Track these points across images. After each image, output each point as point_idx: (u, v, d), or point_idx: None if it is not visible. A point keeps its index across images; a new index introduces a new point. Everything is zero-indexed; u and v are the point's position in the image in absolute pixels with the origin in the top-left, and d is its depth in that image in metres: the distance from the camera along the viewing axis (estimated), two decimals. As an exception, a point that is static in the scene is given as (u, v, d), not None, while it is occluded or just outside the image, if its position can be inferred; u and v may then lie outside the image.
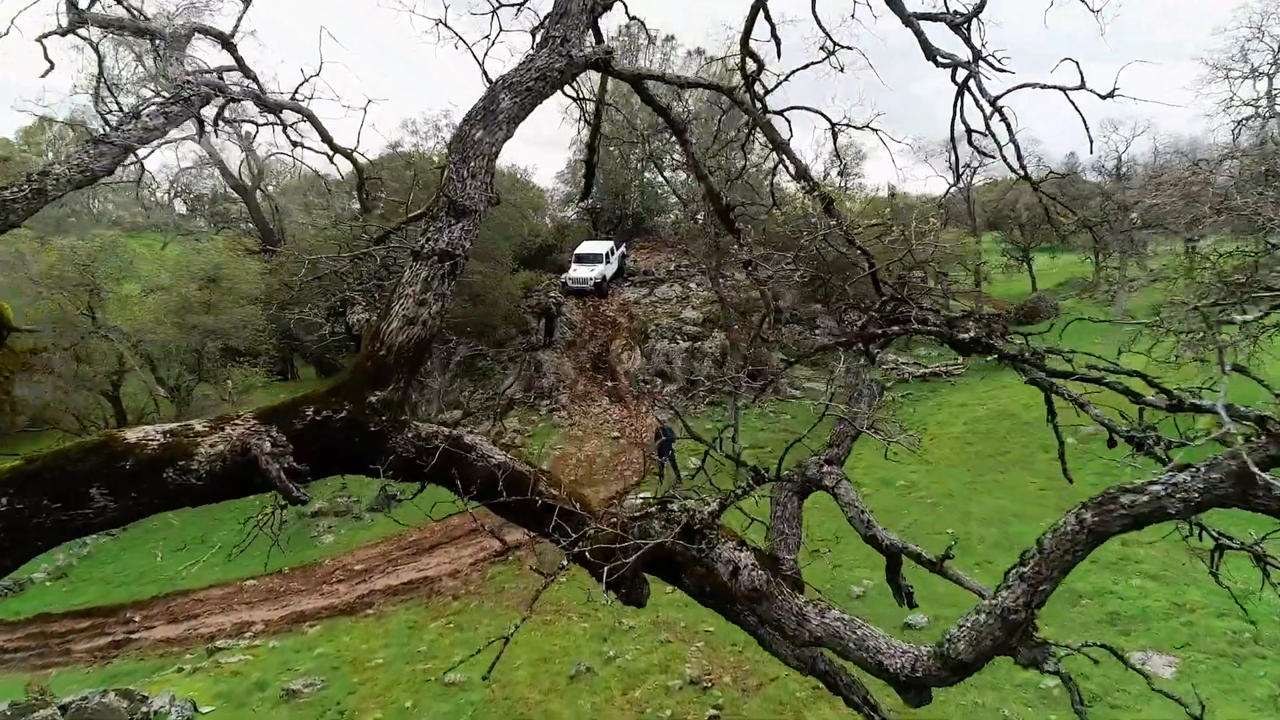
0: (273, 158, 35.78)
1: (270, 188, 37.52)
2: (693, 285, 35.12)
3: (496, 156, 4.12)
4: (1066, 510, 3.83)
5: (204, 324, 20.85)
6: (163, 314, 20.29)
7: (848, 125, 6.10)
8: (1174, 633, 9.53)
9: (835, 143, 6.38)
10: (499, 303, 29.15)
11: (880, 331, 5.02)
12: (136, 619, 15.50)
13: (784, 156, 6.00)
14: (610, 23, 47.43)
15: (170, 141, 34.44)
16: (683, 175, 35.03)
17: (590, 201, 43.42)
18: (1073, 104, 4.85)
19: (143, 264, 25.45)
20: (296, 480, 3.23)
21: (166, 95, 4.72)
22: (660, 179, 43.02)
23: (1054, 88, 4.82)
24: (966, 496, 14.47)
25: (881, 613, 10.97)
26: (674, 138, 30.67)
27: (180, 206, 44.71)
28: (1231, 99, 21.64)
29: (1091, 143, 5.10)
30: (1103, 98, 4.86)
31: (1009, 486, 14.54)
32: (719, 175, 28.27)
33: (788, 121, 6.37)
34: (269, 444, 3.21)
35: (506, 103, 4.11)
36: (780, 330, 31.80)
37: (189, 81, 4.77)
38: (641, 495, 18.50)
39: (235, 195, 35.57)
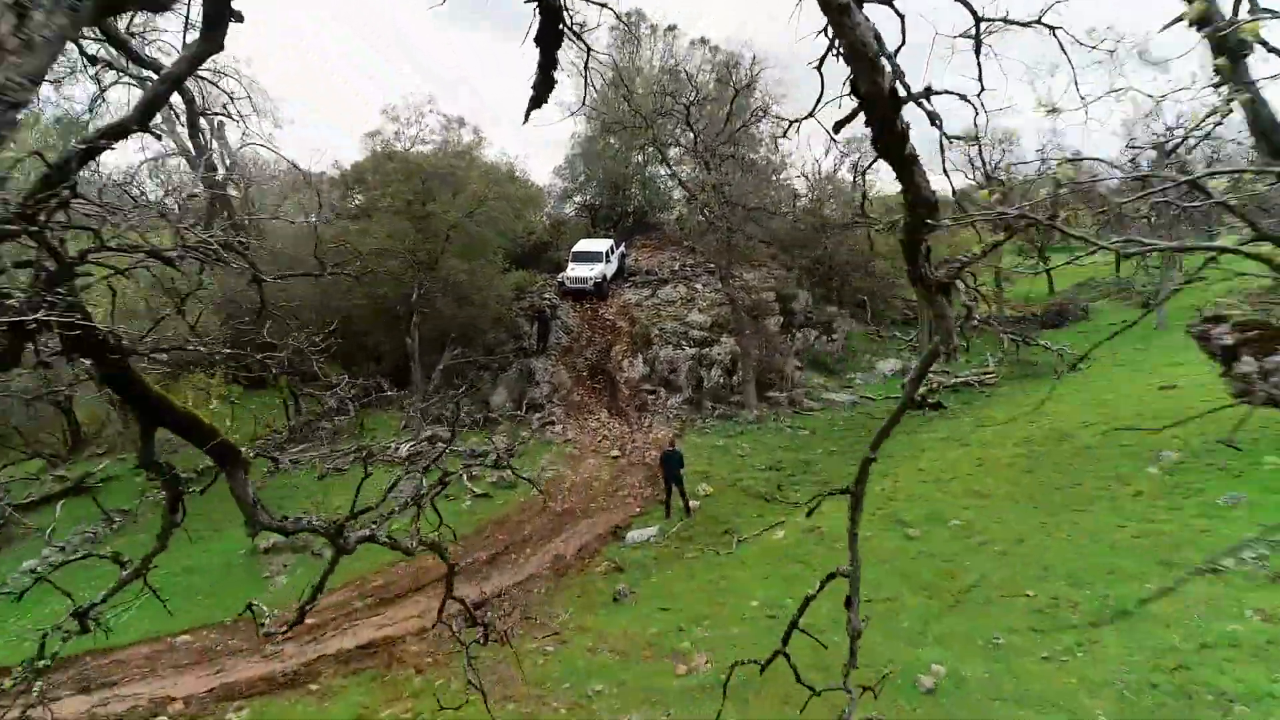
0: (248, 149, 33.37)
1: (251, 186, 34.97)
2: (699, 286, 32.56)
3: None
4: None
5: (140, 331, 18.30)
6: (98, 320, 17.78)
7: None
8: (1378, 762, 7.03)
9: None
10: (488, 304, 26.66)
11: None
12: (39, 686, 12.91)
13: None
14: (609, 13, 44.67)
15: (137, 132, 31.96)
16: (688, 168, 32.42)
17: (587, 197, 40.97)
18: None
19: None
20: None
21: None
22: (663, 172, 40.51)
23: None
24: (1041, 543, 11.91)
25: (958, 716, 8.42)
26: (678, 127, 28.07)
27: (169, 202, 42.19)
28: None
29: None
30: None
31: (1092, 531, 11.97)
32: (730, 165, 25.68)
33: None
34: None
35: None
36: (794, 335, 29.26)
37: None
38: (650, 530, 15.93)
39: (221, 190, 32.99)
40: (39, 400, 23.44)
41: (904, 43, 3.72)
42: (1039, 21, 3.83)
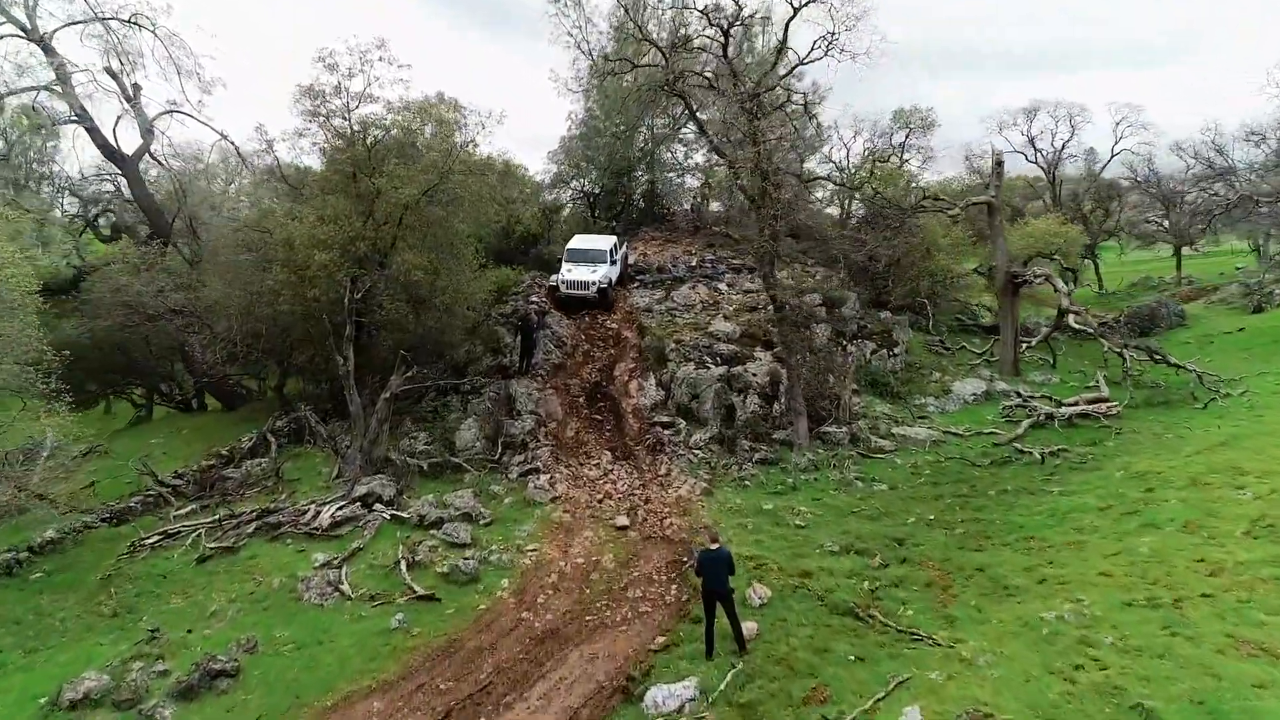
0: (170, 115, 27.16)
1: (174, 160, 28.67)
2: (723, 286, 26.42)
3: None
4: None
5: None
6: None
7: None
8: None
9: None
10: (456, 310, 20.45)
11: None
12: None
13: None
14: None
15: (26, 89, 25.87)
16: (703, 148, 26.19)
17: (585, 183, 34.77)
18: None
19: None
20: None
21: None
22: (671, 157, 34.42)
23: None
24: None
25: None
26: (709, 67, 21.65)
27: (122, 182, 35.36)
28: None
29: None
30: None
31: None
32: (756, 126, 19.20)
33: None
34: None
35: None
36: (846, 349, 23.08)
37: None
38: (684, 687, 9.68)
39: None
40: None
41: None
42: None
